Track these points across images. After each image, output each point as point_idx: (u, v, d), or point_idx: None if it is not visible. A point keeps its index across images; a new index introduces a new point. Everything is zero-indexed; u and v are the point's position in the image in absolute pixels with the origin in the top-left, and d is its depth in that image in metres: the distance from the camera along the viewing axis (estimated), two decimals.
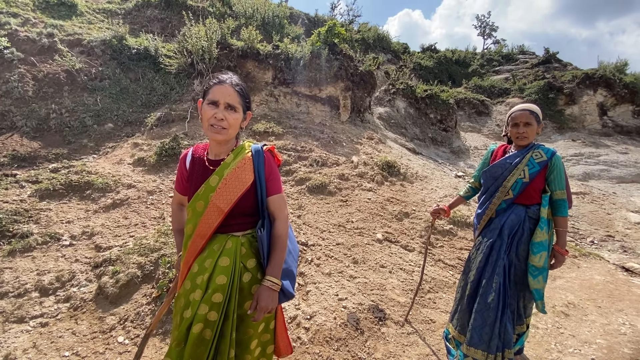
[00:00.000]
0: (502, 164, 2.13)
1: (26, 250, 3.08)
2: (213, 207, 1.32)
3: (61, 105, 5.67)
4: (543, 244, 1.99)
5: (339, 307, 2.68)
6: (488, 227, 2.16)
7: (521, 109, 2.09)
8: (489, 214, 2.15)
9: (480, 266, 2.10)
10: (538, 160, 2.04)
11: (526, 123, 2.05)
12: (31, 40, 5.93)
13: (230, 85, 1.33)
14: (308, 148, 5.72)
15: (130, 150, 5.36)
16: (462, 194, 2.49)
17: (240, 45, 6.86)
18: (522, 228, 2.04)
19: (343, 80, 7.25)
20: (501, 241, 2.05)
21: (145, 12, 8.74)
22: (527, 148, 2.10)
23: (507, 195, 2.08)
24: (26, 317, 2.44)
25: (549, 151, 2.06)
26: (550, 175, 2.03)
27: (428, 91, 9.48)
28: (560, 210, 2.04)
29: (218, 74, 1.38)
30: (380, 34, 15.13)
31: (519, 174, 2.04)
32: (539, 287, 2.01)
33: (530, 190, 2.05)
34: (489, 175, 2.18)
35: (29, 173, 4.34)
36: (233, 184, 1.33)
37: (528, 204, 2.07)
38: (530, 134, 2.06)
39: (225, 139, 1.35)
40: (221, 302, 1.29)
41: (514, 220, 2.05)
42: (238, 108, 1.34)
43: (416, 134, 8.72)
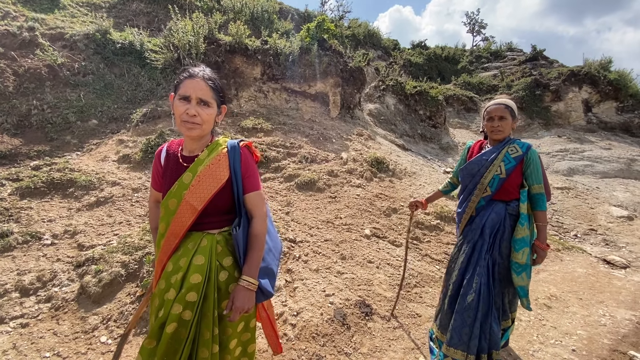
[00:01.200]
0: (478, 160, 2.11)
1: (6, 249, 3.00)
2: (186, 205, 1.28)
3: (43, 101, 5.52)
4: (525, 240, 1.99)
5: (326, 303, 2.69)
6: (469, 226, 2.14)
7: (496, 103, 2.08)
8: (469, 212, 2.13)
9: (463, 267, 2.09)
10: (514, 155, 2.03)
11: (501, 117, 2.03)
12: (11, 35, 5.74)
13: (202, 80, 1.27)
14: (297, 144, 5.70)
15: (115, 147, 5.25)
16: (441, 188, 2.52)
17: (228, 40, 6.76)
18: (503, 226, 2.03)
19: (333, 76, 7.23)
20: (482, 241, 2.04)
21: (130, 6, 8.54)
22: (503, 143, 2.08)
23: (485, 192, 2.07)
24: (6, 317, 2.38)
25: (524, 145, 2.04)
26: (527, 170, 2.02)
27: (418, 88, 9.53)
28: (539, 205, 2.03)
29: (189, 67, 1.32)
30: (370, 30, 15.11)
31: (496, 170, 2.03)
32: (523, 284, 2.01)
33: (507, 186, 2.04)
34: (466, 173, 2.16)
35: (9, 171, 4.22)
36: (207, 182, 1.28)
37: (507, 200, 2.06)
38: (505, 128, 2.04)
39: (199, 134, 1.30)
40: (195, 301, 1.26)
41: (494, 219, 2.04)
42: (211, 103, 1.29)
43: (406, 130, 8.76)
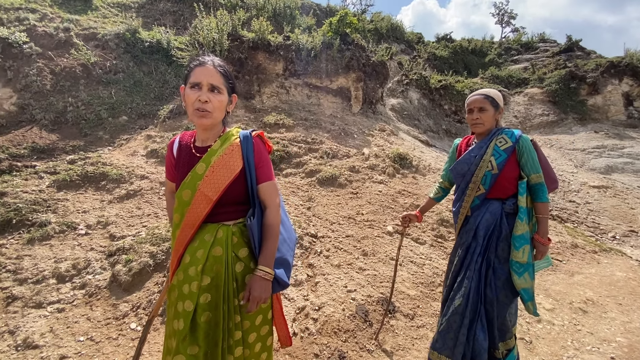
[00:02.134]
0: (466, 159, 1.95)
1: (44, 238, 3.18)
2: (200, 195, 1.27)
3: (77, 99, 5.79)
4: (525, 236, 1.81)
5: (347, 298, 2.67)
6: (465, 227, 1.99)
7: (476, 94, 1.93)
8: (464, 213, 1.98)
9: (456, 270, 1.96)
10: (503, 147, 1.85)
11: (480, 108, 1.88)
12: (49, 35, 6.06)
13: (212, 66, 1.27)
14: (319, 140, 5.68)
15: (144, 142, 5.44)
16: (432, 195, 2.32)
17: (251, 37, 6.82)
18: (499, 227, 1.86)
19: (355, 71, 7.14)
20: (476, 243, 1.88)
21: (158, 5, 8.80)
22: (489, 136, 1.91)
23: (478, 190, 1.90)
24: (44, 302, 2.52)
25: (513, 134, 1.87)
26: (522, 159, 1.85)
27: (443, 82, 9.25)
28: (539, 196, 1.85)
29: (199, 57, 1.33)
30: (393, 23, 14.78)
31: (487, 166, 1.85)
32: (526, 286, 1.82)
33: (502, 181, 1.86)
34: (455, 174, 2.01)
35: (48, 164, 4.47)
36: (221, 172, 1.28)
37: (503, 198, 1.89)
38: (486, 120, 1.88)
39: (211, 123, 1.30)
40: (221, 287, 1.28)
41: (489, 219, 1.88)
42: (222, 89, 1.29)
43: (429, 125, 8.54)
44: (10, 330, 2.25)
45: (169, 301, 1.37)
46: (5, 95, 5.27)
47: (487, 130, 1.91)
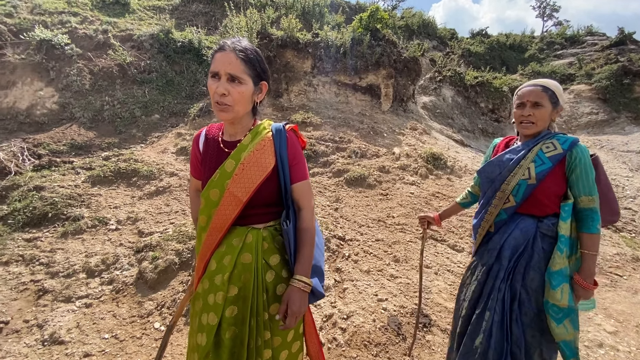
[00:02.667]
0: (499, 161, 1.59)
1: (77, 232, 3.24)
2: (230, 196, 1.14)
3: (114, 98, 6.00)
4: (564, 273, 1.42)
5: (378, 308, 2.47)
6: (486, 245, 1.64)
7: (530, 84, 1.56)
8: (485, 227, 1.62)
9: (474, 297, 1.59)
10: (550, 154, 1.47)
11: (535, 103, 1.50)
12: (88, 37, 6.33)
13: (232, 51, 1.09)
14: (347, 139, 5.50)
15: (174, 140, 5.52)
16: (459, 200, 2.00)
17: (280, 35, 6.76)
18: (530, 249, 1.50)
19: (385, 67, 6.88)
20: (499, 266, 1.54)
21: (190, 7, 9.00)
22: (537, 138, 1.54)
23: (507, 202, 1.54)
24: (73, 297, 2.53)
25: (567, 141, 1.47)
26: (571, 175, 1.46)
27: (479, 78, 8.73)
28: (587, 225, 1.45)
29: (224, 39, 1.17)
30: (425, 19, 14.29)
31: (522, 174, 1.49)
32: (568, 337, 1.43)
33: (539, 195, 1.48)
34: (484, 177, 1.64)
35: (84, 160, 4.62)
36: (252, 170, 1.14)
37: (539, 215, 1.51)
38: (540, 119, 1.50)
39: (232, 117, 1.14)
40: (249, 299, 1.15)
41: (518, 238, 1.52)
42: (244, 79, 1.11)
43: (464, 124, 8.08)
44: (39, 324, 2.26)
45: (192, 310, 1.25)
46: (47, 94, 5.54)
47: (537, 132, 1.54)
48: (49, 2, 6.78)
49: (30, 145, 4.55)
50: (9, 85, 5.45)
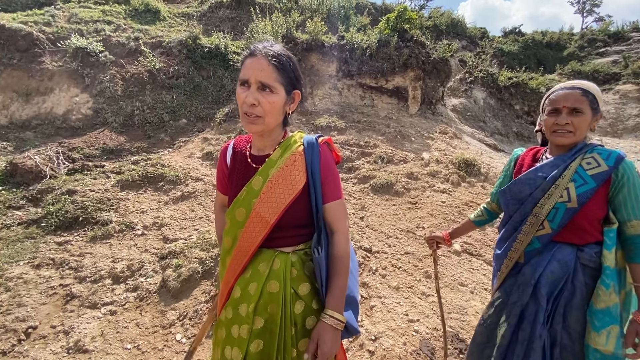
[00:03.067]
0: (530, 178, 1.36)
1: (105, 237, 3.28)
2: (256, 217, 1.04)
3: (143, 103, 6.16)
4: (612, 312, 1.20)
5: (409, 330, 2.28)
6: (514, 278, 1.39)
7: (568, 87, 1.31)
8: (514, 258, 1.38)
9: (504, 343, 1.34)
10: (593, 172, 1.25)
11: (573, 109, 1.27)
12: (121, 44, 6.56)
13: (263, 57, 0.99)
14: (372, 143, 5.32)
15: (200, 145, 5.57)
16: (473, 217, 1.77)
17: (305, 38, 6.70)
18: (571, 284, 1.27)
19: (413, 69, 6.63)
20: (537, 306, 1.29)
21: (217, 13, 9.17)
22: (574, 151, 1.32)
23: (541, 228, 1.31)
24: (99, 303, 2.54)
25: (611, 155, 1.25)
26: (618, 195, 1.25)
27: (513, 79, 8.27)
28: (639, 254, 1.24)
29: (255, 43, 1.07)
30: (454, 19, 13.81)
31: (559, 195, 1.27)
32: None
33: (581, 221, 1.27)
34: (510, 198, 1.41)
35: (114, 164, 4.74)
36: (280, 188, 1.04)
37: (580, 244, 1.29)
38: (579, 127, 1.27)
39: (261, 129, 1.04)
40: (275, 333, 1.04)
41: (556, 272, 1.28)
42: (275, 88, 1.00)
43: (497, 128, 7.66)
44: (65, 330, 2.27)
45: (215, 337, 1.16)
46: (82, 100, 5.77)
47: (574, 143, 1.31)
48: (85, 11, 7.10)
49: (65, 150, 4.73)
50: (47, 91, 5.72)
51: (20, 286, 2.57)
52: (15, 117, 5.59)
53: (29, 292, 2.54)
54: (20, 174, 4.01)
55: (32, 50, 5.98)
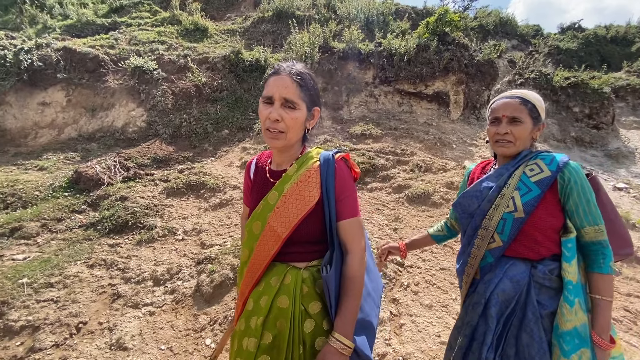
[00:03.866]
0: (476, 191, 1.31)
1: (150, 241, 3.53)
2: (269, 230, 1.07)
3: (190, 115, 6.60)
4: (579, 333, 1.10)
5: (440, 353, 2.13)
6: (471, 297, 1.30)
7: (507, 96, 1.29)
8: (471, 273, 1.31)
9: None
10: (536, 178, 1.19)
11: (513, 119, 1.24)
12: (172, 62, 7.12)
13: (287, 75, 1.05)
14: (409, 151, 5.14)
15: (239, 154, 5.82)
16: (432, 231, 1.66)
17: (342, 47, 6.74)
18: (523, 305, 1.17)
19: (455, 72, 6.34)
20: (485, 328, 1.20)
21: (259, 28, 9.59)
22: (517, 159, 1.27)
23: (492, 242, 1.24)
24: (140, 303, 2.72)
25: (554, 160, 1.19)
26: (569, 201, 1.16)
27: (571, 79, 7.52)
28: (596, 263, 1.14)
29: (278, 63, 1.13)
30: (502, 17, 13.01)
31: (506, 205, 1.21)
32: None
33: (532, 231, 1.18)
34: (460, 211, 1.36)
35: (163, 173, 5.11)
36: (293, 203, 1.06)
37: (534, 259, 1.19)
38: (519, 137, 1.24)
39: (283, 145, 1.08)
40: (283, 351, 1.03)
41: (507, 290, 1.19)
42: (298, 104, 1.05)
43: (552, 133, 7.00)
44: (110, 327, 2.46)
45: (231, 349, 1.18)
46: (138, 114, 6.34)
47: (516, 152, 1.28)
48: (143, 34, 7.84)
49: (121, 159, 5.21)
50: (109, 107, 6.38)
51: (75, 284, 2.85)
52: (83, 130, 6.30)
53: (83, 290, 2.81)
54: (83, 181, 4.49)
55: (98, 70, 6.74)
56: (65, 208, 4.01)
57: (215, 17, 10.72)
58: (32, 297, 2.66)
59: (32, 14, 8.72)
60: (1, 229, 3.56)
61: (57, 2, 9.48)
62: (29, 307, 2.56)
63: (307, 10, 10.03)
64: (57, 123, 6.35)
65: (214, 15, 10.73)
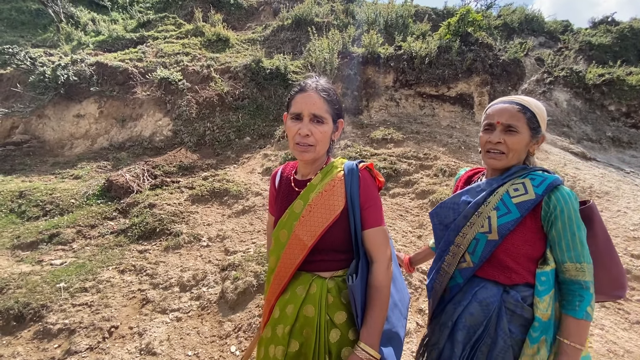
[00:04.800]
0: (454, 203, 1.22)
1: (176, 247, 3.63)
2: (295, 239, 1.10)
3: (213, 124, 6.78)
4: None
5: None
6: (439, 317, 1.22)
7: (506, 101, 1.16)
8: (439, 291, 1.22)
9: None
10: (518, 200, 1.07)
11: (508, 127, 1.12)
12: (196, 72, 7.36)
13: (314, 92, 1.10)
14: (432, 155, 5.03)
15: (261, 161, 5.90)
16: (431, 244, 1.52)
17: (361, 52, 6.72)
18: (493, 332, 1.07)
19: (479, 73, 6.16)
20: (451, 353, 1.12)
21: (279, 36, 9.75)
22: (506, 175, 1.15)
23: (463, 261, 1.15)
24: (167, 309, 2.79)
25: (544, 182, 1.06)
26: (552, 231, 1.05)
27: (605, 75, 7.13)
28: (572, 304, 1.02)
29: (303, 80, 1.17)
30: (528, 14, 12.55)
31: (481, 225, 1.11)
32: None
33: (503, 257, 1.09)
34: (436, 222, 1.26)
35: (188, 180, 5.26)
36: (319, 212, 1.08)
37: (507, 284, 1.09)
38: (513, 148, 1.12)
39: (313, 157, 1.13)
40: (309, 358, 1.04)
41: (476, 315, 1.10)
42: (326, 118, 1.10)
43: (586, 133, 6.64)
44: (140, 332, 2.53)
45: (257, 356, 1.21)
46: (164, 123, 6.58)
47: (507, 166, 1.15)
48: (169, 46, 8.17)
49: (149, 167, 5.41)
50: (138, 117, 6.66)
51: (108, 289, 2.97)
52: (114, 140, 6.61)
53: (114, 295, 2.92)
54: (114, 189, 4.70)
55: (127, 82, 7.07)
56: (98, 215, 4.20)
57: (237, 27, 11.00)
58: (69, 301, 2.80)
59: (67, 32, 9.30)
60: (41, 235, 3.78)
61: (90, 20, 10.07)
62: (66, 311, 2.69)
63: (325, 17, 10.10)
64: (90, 134, 6.70)
65: (235, 26, 11.02)
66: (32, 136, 6.67)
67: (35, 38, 9.69)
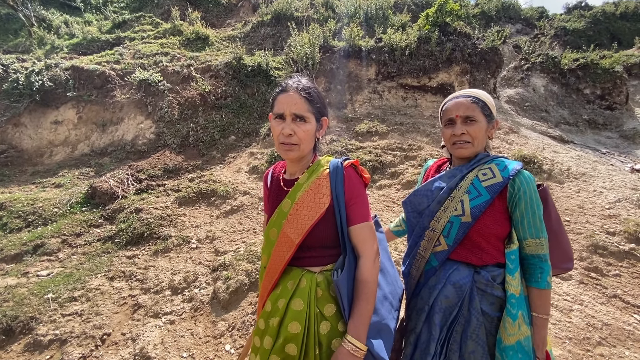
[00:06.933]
0: (428, 190, 1.30)
1: (165, 251, 3.61)
2: (284, 236, 1.13)
3: (197, 124, 6.70)
4: (523, 347, 1.10)
5: None
6: (415, 301, 1.29)
7: (458, 96, 1.28)
8: (416, 276, 1.29)
9: None
10: (487, 183, 1.18)
11: (467, 118, 1.22)
12: (176, 72, 7.23)
13: (295, 92, 1.12)
14: (416, 146, 5.11)
15: (247, 159, 5.87)
16: (392, 226, 1.66)
17: (342, 45, 6.73)
18: (467, 311, 1.15)
19: (458, 63, 6.26)
20: (429, 336, 1.18)
21: (259, 32, 9.64)
22: (472, 162, 1.25)
23: (437, 245, 1.23)
24: (160, 313, 2.79)
25: (508, 167, 1.18)
26: (516, 211, 1.16)
27: (580, 60, 7.34)
28: (534, 276, 1.15)
29: (284, 79, 1.19)
30: (505, 2, 12.76)
31: (454, 208, 1.20)
32: None
33: (476, 237, 1.17)
34: (410, 210, 1.34)
35: (174, 182, 5.21)
36: (305, 210, 1.11)
37: (478, 265, 1.18)
38: (476, 136, 1.21)
39: (297, 156, 1.16)
40: (296, 356, 1.07)
41: (450, 296, 1.18)
42: (308, 117, 1.13)
43: (563, 117, 6.84)
44: (133, 337, 2.53)
45: (252, 347, 1.26)
46: (146, 126, 6.47)
47: (474, 153, 1.25)
48: (146, 47, 7.99)
49: (133, 172, 5.33)
50: (119, 121, 6.52)
51: (97, 297, 2.95)
52: (95, 146, 6.47)
53: (105, 302, 2.89)
54: (99, 196, 4.61)
55: (105, 86, 6.90)
56: (84, 223, 4.13)
57: (215, 24, 10.82)
58: (58, 312, 2.76)
59: (40, 36, 8.98)
60: (25, 246, 3.70)
61: (63, 22, 9.74)
62: (56, 322, 2.66)
63: (305, 11, 10.03)
64: (70, 140, 6.53)
65: (214, 23, 10.84)
66: (8, 146, 6.46)
67: (6, 44, 9.33)
